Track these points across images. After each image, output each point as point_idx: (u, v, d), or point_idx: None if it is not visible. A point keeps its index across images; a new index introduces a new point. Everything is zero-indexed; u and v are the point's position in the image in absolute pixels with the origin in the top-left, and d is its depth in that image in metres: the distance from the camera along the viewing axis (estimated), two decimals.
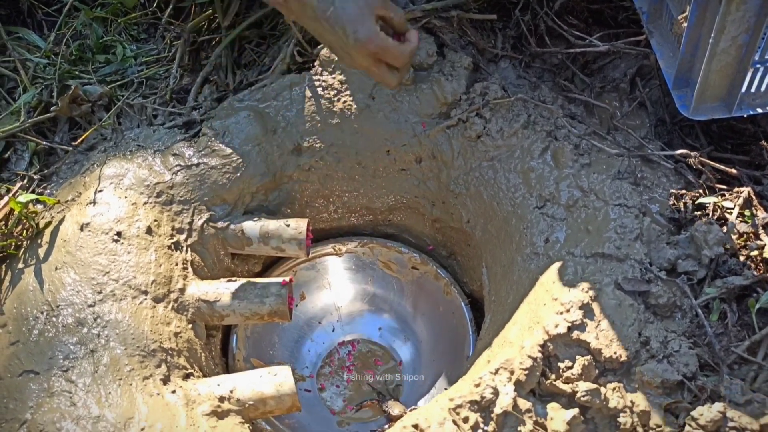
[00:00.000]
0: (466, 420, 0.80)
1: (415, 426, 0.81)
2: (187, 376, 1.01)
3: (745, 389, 0.80)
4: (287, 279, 1.11)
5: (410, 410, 1.24)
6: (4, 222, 1.11)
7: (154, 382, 0.95)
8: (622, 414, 0.81)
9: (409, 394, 1.28)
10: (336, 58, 1.25)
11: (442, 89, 1.23)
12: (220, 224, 1.19)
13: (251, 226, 1.18)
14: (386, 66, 0.99)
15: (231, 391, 0.97)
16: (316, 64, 1.28)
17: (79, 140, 1.22)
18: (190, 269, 1.13)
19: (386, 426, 1.21)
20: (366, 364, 1.33)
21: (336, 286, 1.38)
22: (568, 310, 0.88)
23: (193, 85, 1.34)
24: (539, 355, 0.84)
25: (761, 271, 0.89)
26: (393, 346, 1.34)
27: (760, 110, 1.05)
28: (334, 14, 0.92)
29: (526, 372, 0.83)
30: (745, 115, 1.04)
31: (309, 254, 1.20)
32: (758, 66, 1.01)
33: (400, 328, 1.36)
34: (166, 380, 0.97)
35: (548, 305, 0.90)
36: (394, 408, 1.21)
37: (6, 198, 1.13)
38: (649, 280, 0.91)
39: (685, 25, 1.04)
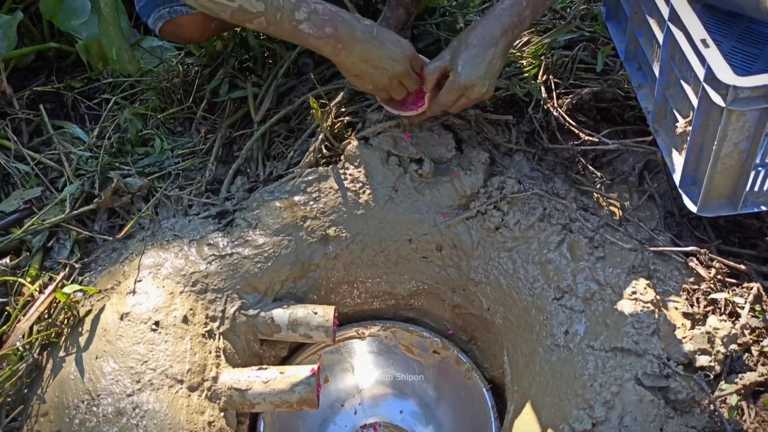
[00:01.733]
0: None
1: None
2: None
3: None
4: (315, 367, 1.15)
5: None
6: (47, 311, 1.17)
7: None
8: None
9: None
10: (362, 153, 1.33)
11: (461, 183, 1.31)
12: (251, 312, 1.24)
13: (280, 314, 1.24)
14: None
15: None
16: (342, 158, 1.37)
17: (122, 233, 1.29)
18: (222, 357, 1.18)
19: None
20: None
21: (359, 370, 1.41)
22: (591, 407, 0.91)
23: (226, 177, 1.43)
24: None
25: None
26: (415, 429, 1.36)
27: (764, 207, 1.12)
28: (379, 33, 1.17)
29: None
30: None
31: (335, 340, 1.24)
32: (760, 168, 1.08)
33: (422, 412, 1.38)
34: None
35: (572, 401, 0.94)
36: None
37: (50, 287, 1.19)
38: (667, 376, 0.95)
39: (689, 129, 1.13)
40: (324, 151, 1.39)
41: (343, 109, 1.43)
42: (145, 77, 1.66)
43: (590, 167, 1.36)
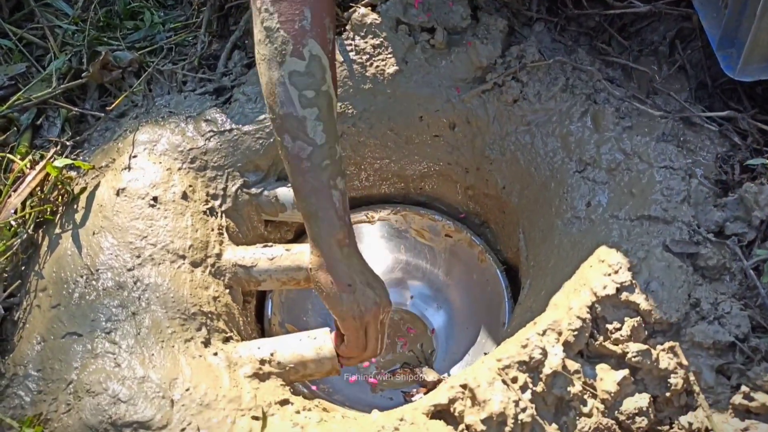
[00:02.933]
0: (515, 380, 0.79)
1: (464, 386, 0.80)
2: (226, 340, 1.01)
3: None
4: None
5: (444, 377, 1.24)
6: (39, 188, 1.11)
7: (195, 345, 0.95)
8: (672, 375, 0.80)
9: (442, 361, 1.28)
10: (369, 21, 1.22)
11: (477, 53, 1.20)
12: (253, 190, 1.18)
13: (285, 192, 1.18)
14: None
15: (272, 354, 0.97)
16: (347, 28, 1.26)
17: (113, 106, 1.21)
18: (225, 235, 1.13)
19: (414, 391, 1.22)
20: (399, 332, 1.33)
21: (368, 254, 1.37)
22: (616, 272, 0.86)
23: (222, 51, 1.33)
24: (587, 316, 0.83)
25: None
26: (425, 314, 1.34)
27: None
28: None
29: (575, 333, 0.82)
30: None
31: None
32: None
33: (433, 296, 1.35)
34: (206, 343, 0.97)
35: (595, 267, 0.89)
36: (428, 375, 1.21)
37: (41, 163, 1.13)
38: (697, 242, 0.89)
39: None
40: None
41: None
42: None
43: (618, 37, 1.25)
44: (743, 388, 0.77)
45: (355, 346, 0.95)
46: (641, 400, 0.80)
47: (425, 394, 1.10)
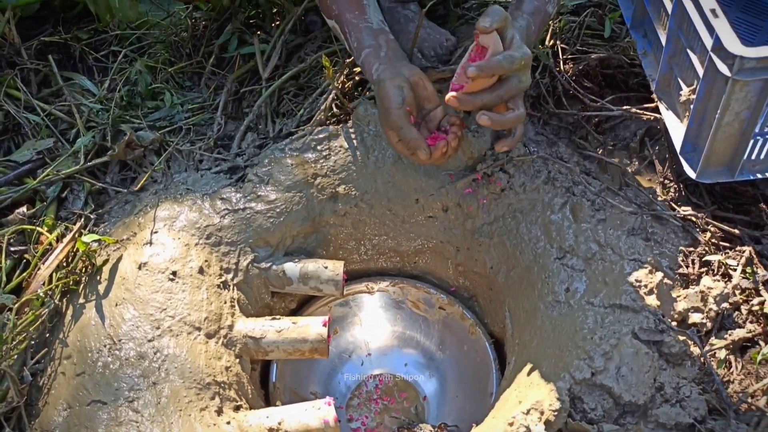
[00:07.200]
0: None
1: None
2: (237, 408, 1.09)
3: None
4: (326, 318, 1.20)
5: (442, 424, 1.32)
6: (65, 259, 1.20)
7: (209, 413, 1.04)
8: None
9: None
10: (372, 113, 1.36)
11: (469, 145, 1.34)
12: (263, 265, 1.29)
13: (292, 268, 1.28)
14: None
15: (279, 423, 1.06)
16: (351, 118, 1.39)
17: (139, 185, 1.31)
18: (237, 307, 1.23)
19: None
20: (393, 398, 1.42)
21: (366, 323, 1.47)
22: (591, 357, 0.98)
23: (236, 132, 1.45)
24: (566, 397, 0.94)
25: (762, 325, 1.00)
26: (418, 381, 1.43)
27: (759, 175, 1.17)
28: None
29: (555, 413, 0.93)
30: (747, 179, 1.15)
31: (344, 294, 1.29)
32: (758, 137, 1.12)
33: (426, 364, 1.45)
34: (219, 411, 1.06)
35: (572, 352, 1.00)
36: (426, 429, 1.29)
37: (68, 236, 1.22)
38: (662, 331, 1.02)
39: (693, 97, 1.16)
40: (334, 109, 1.42)
41: (353, 69, 1.45)
42: (152, 30, 1.65)
43: (593, 132, 1.40)
44: None
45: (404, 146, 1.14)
46: None
47: None
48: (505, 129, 1.16)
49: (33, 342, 1.12)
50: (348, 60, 1.43)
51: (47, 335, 1.14)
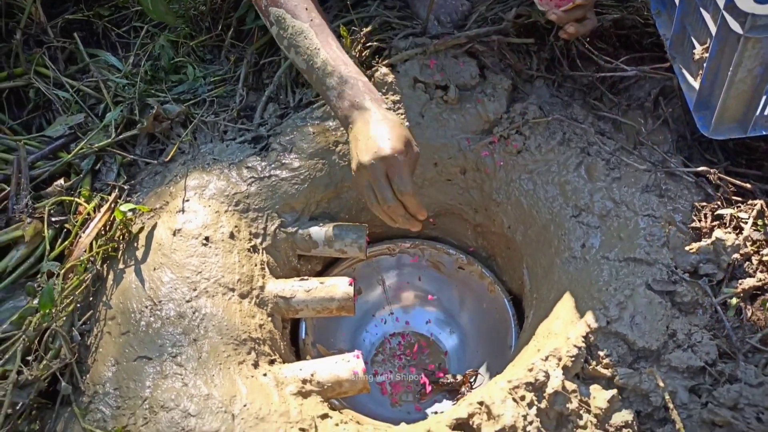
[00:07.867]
0: (523, 398, 0.95)
1: (480, 403, 0.97)
2: (271, 362, 1.17)
3: (758, 373, 0.95)
4: (352, 279, 1.26)
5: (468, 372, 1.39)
6: (104, 228, 1.27)
7: (247, 367, 1.11)
8: (653, 394, 0.96)
9: None
10: (390, 80, 1.39)
11: (485, 108, 1.38)
12: (290, 229, 1.34)
13: (317, 231, 1.34)
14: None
15: (312, 375, 1.13)
16: None
17: (169, 156, 1.37)
18: (266, 269, 1.29)
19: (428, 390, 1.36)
20: (415, 354, 1.49)
21: (389, 283, 1.54)
22: (606, 307, 1.03)
23: (258, 103, 1.49)
24: (583, 344, 1.00)
25: None
26: (439, 337, 1.50)
27: None
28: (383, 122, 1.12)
29: (572, 359, 0.98)
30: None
31: (367, 256, 1.35)
32: None
33: (447, 321, 1.51)
34: (256, 365, 1.13)
35: (588, 302, 1.06)
36: (449, 378, 1.36)
37: (105, 206, 1.29)
38: (675, 282, 1.06)
39: (706, 55, 1.18)
40: None
41: (371, 37, 1.48)
42: (172, 5, 1.68)
43: (608, 94, 1.43)
44: (710, 405, 0.93)
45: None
46: (627, 415, 0.96)
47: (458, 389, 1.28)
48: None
49: (79, 305, 1.20)
50: (366, 29, 1.46)
51: (91, 299, 1.21)
